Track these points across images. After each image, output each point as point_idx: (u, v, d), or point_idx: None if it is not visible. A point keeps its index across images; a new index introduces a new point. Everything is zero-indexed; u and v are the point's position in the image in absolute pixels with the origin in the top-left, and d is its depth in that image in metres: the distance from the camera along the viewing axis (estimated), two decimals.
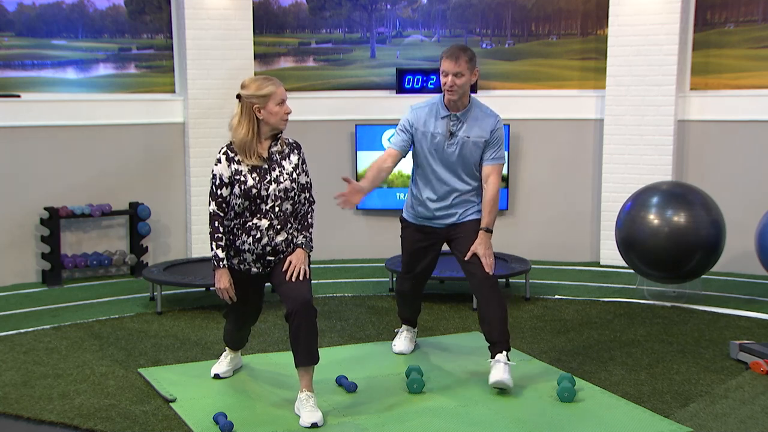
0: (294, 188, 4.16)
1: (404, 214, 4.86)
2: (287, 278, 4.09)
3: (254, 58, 7.56)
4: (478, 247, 4.53)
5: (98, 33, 7.31)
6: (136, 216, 7.23)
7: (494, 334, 4.47)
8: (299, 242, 4.19)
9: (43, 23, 7.09)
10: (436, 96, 4.66)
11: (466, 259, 4.56)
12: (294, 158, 4.19)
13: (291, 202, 4.16)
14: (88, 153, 7.17)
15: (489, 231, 4.57)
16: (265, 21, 7.86)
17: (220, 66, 7.38)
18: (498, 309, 4.47)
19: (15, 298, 6.48)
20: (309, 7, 7.97)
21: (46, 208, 6.92)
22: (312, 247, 4.23)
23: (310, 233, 4.23)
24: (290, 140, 4.26)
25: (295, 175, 4.16)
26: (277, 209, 4.12)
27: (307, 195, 4.24)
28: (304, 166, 4.23)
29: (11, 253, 6.94)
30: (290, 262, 4.12)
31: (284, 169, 4.14)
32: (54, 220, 6.88)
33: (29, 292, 6.68)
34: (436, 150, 4.59)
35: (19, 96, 6.93)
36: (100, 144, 7.22)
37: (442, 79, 4.52)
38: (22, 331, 5.57)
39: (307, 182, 4.24)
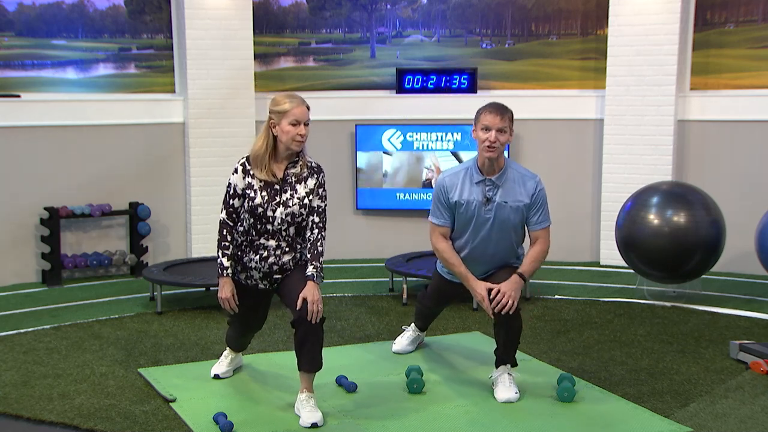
0: (302, 214, 4.08)
1: (438, 269, 4.71)
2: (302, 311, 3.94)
3: (254, 58, 7.56)
4: (504, 285, 4.24)
5: (98, 33, 7.31)
6: (136, 216, 7.22)
7: (507, 345, 4.35)
8: (309, 273, 4.03)
9: (43, 23, 7.08)
10: (468, 161, 4.47)
11: (492, 294, 4.27)
12: (311, 182, 4.10)
13: (296, 226, 4.12)
14: (88, 153, 7.17)
15: (523, 278, 4.30)
16: (265, 21, 7.86)
17: (220, 66, 7.38)
18: (515, 326, 4.32)
19: (15, 298, 6.48)
20: (309, 7, 7.97)
21: (46, 208, 6.92)
22: (323, 278, 4.09)
23: (321, 263, 4.09)
24: (313, 164, 4.15)
25: (306, 201, 4.08)
26: (284, 232, 4.10)
27: (317, 219, 4.11)
28: (320, 190, 4.12)
29: (11, 253, 6.94)
30: (304, 300, 3.93)
31: (296, 192, 4.07)
32: (54, 220, 6.88)
33: (29, 292, 6.68)
34: (472, 217, 4.38)
35: (19, 96, 6.92)
36: (100, 144, 7.22)
37: (482, 135, 4.24)
38: (22, 331, 5.57)
39: (319, 206, 4.12)
